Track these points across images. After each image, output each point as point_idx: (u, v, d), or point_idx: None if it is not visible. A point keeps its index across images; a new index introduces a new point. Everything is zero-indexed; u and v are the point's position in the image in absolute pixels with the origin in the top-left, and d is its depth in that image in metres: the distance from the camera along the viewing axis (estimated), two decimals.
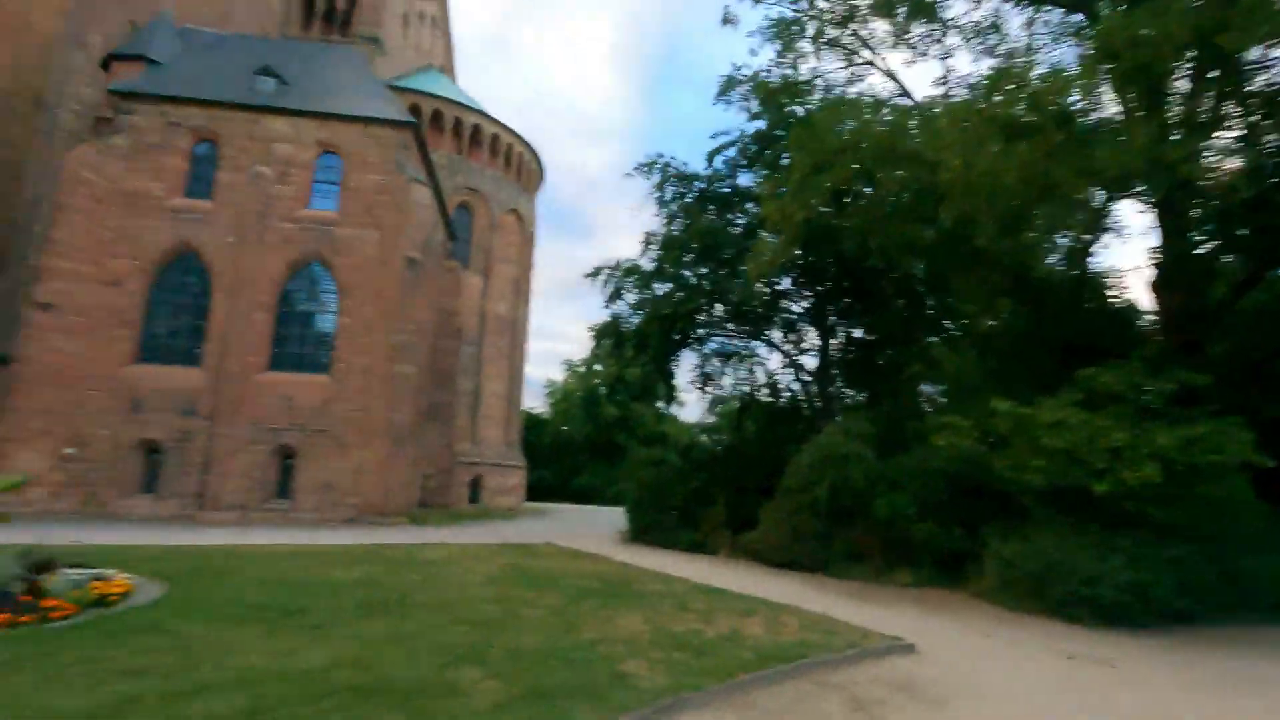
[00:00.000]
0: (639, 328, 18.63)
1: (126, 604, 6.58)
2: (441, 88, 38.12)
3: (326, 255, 23.47)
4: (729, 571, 12.96)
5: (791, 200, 12.12)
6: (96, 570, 7.11)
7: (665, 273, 18.37)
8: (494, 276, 37.36)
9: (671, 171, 18.66)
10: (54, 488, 20.55)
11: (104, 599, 6.46)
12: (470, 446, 35.01)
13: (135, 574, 8.18)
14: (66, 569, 7.15)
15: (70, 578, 6.65)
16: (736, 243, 18.51)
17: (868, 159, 11.95)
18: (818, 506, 12.74)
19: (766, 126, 17.60)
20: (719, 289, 17.56)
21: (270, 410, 22.25)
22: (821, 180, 11.91)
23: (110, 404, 21.33)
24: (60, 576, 6.46)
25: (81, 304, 21.40)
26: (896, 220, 12.79)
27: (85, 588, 6.38)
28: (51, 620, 5.64)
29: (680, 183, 18.99)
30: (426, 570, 10.03)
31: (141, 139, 22.95)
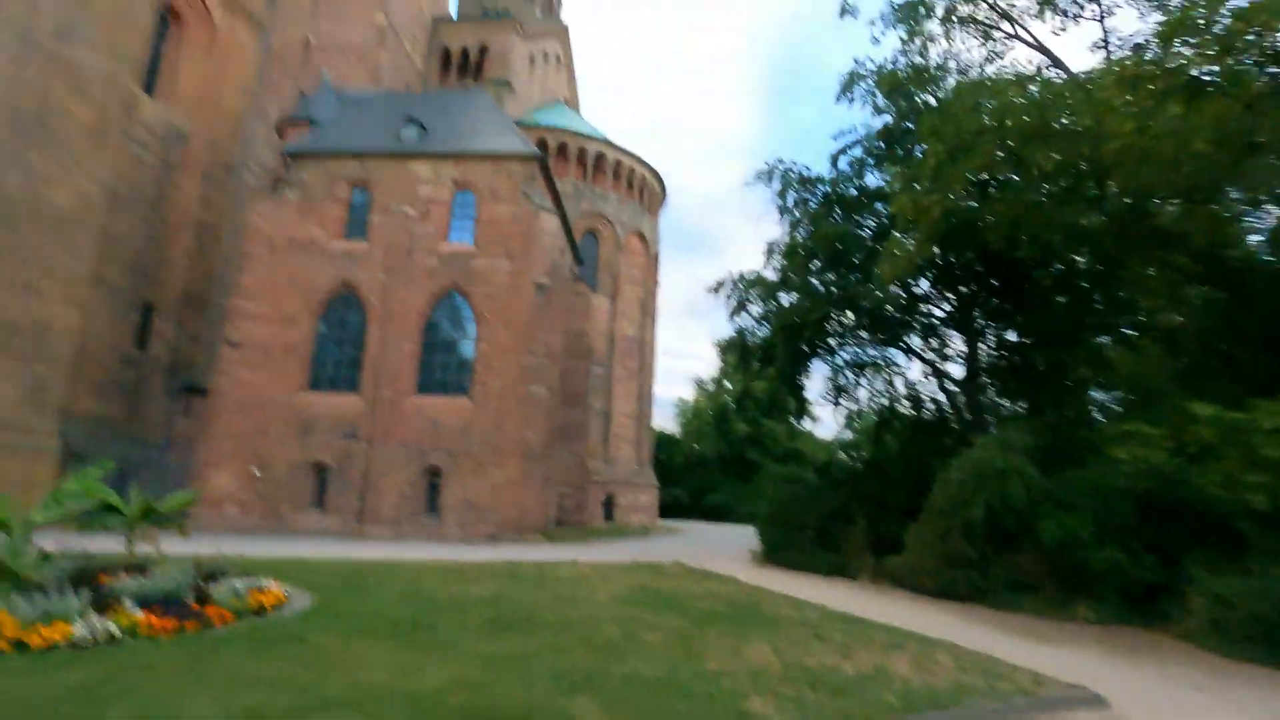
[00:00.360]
0: (764, 340, 17.93)
1: (278, 614, 7.06)
2: (566, 120, 39.79)
3: (464, 285, 24.92)
4: (871, 598, 11.93)
5: (926, 192, 11.05)
6: (257, 580, 7.73)
7: (790, 282, 17.61)
8: (621, 298, 38.05)
9: (793, 176, 17.93)
10: (242, 504, 23.17)
11: (260, 608, 6.99)
12: (603, 465, 35.62)
13: (293, 585, 8.83)
14: (234, 579, 7.83)
15: (234, 587, 7.26)
16: (866, 246, 17.41)
17: (1013, 140, 10.65)
18: (972, 528, 11.41)
19: (893, 121, 16.44)
20: (848, 295, 16.52)
21: (418, 432, 23.82)
22: (959, 169, 10.77)
23: (286, 429, 23.79)
24: (225, 586, 7.07)
25: (262, 340, 24.14)
26: (1052, 205, 11.28)
27: (245, 597, 6.92)
28: (213, 627, 6.14)
29: (802, 187, 18.19)
30: (555, 588, 10.04)
31: (308, 191, 25.69)
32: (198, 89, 30.09)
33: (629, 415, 38.19)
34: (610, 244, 38.08)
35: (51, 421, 23.21)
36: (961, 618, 10.52)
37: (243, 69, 32.05)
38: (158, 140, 27.91)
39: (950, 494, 11.83)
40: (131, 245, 26.63)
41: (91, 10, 24.40)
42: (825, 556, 15.08)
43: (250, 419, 23.57)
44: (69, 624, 5.37)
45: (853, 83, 17.39)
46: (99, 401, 25.37)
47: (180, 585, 6.79)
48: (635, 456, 38.39)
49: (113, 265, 25.71)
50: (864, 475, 16.61)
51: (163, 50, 29.15)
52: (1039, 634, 9.74)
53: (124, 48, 25.79)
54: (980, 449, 11.75)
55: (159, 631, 5.73)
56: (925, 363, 19.80)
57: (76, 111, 23.80)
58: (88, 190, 24.32)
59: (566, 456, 31.95)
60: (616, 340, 37.61)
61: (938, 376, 19.17)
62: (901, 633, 8.52)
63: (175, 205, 28.72)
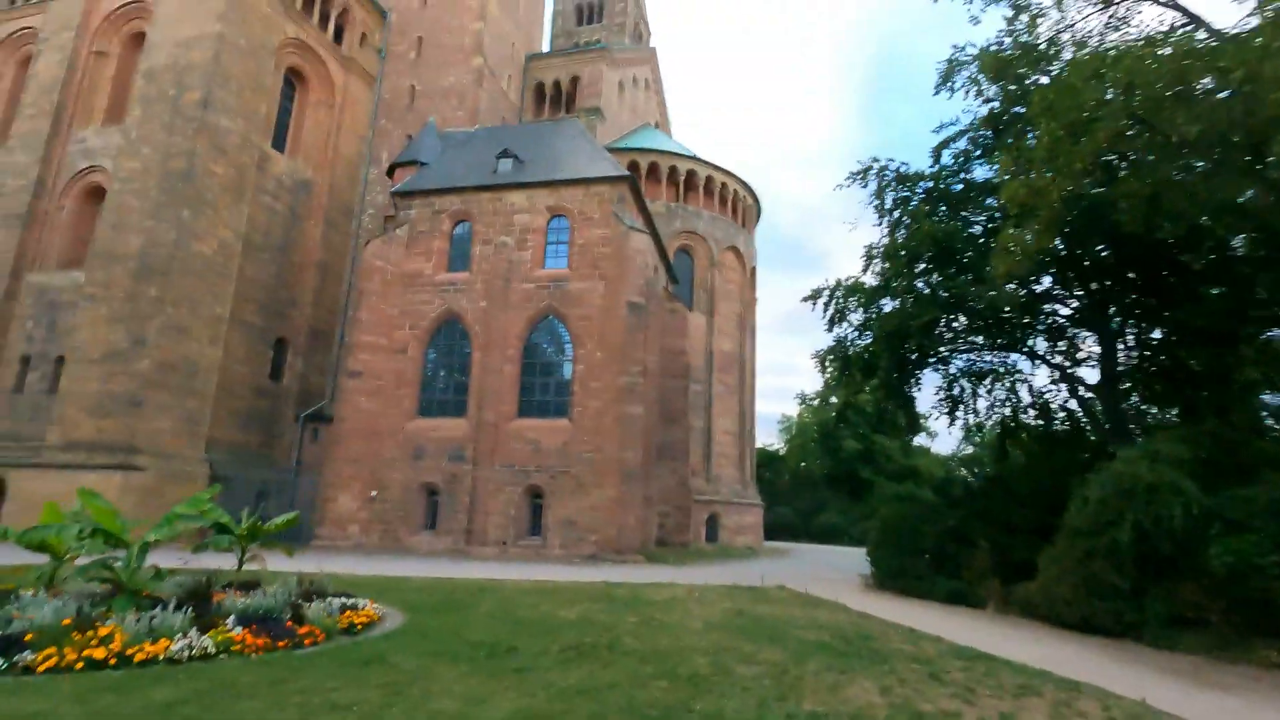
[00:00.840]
0: (866, 350, 16.81)
1: (368, 633, 7.18)
2: (655, 141, 40.10)
3: (560, 308, 25.37)
4: (998, 630, 10.67)
5: (1042, 175, 9.84)
6: (354, 599, 7.93)
7: (891, 286, 16.47)
8: (717, 314, 37.54)
9: (890, 174, 16.81)
10: (362, 524, 24.48)
11: (351, 627, 7.12)
12: (705, 484, 34.97)
13: (388, 604, 9.02)
14: (332, 598, 8.08)
15: (330, 606, 7.46)
16: (977, 244, 16.02)
17: (1144, 109, 9.30)
18: (1118, 552, 9.95)
19: (1000, 106, 15.07)
20: (958, 297, 15.19)
21: (520, 454, 24.33)
22: (1081, 148, 9.50)
23: (400, 453, 24.99)
24: (319, 604, 7.26)
25: (377, 369, 25.59)
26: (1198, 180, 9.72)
27: (337, 616, 7.08)
28: (304, 646, 6.29)
29: (902, 185, 17.03)
30: (646, 612, 9.68)
31: (415, 228, 27.17)
32: (319, 141, 32.84)
33: (730, 433, 37.39)
34: (704, 261, 37.75)
35: (200, 450, 25.68)
36: (1109, 656, 9.15)
37: (358, 120, 34.72)
38: (286, 191, 30.61)
39: (1090, 513, 10.40)
40: (264, 287, 29.21)
41: (229, 80, 27.23)
42: (944, 582, 13.74)
43: (368, 444, 24.96)
44: (170, 640, 5.66)
45: (952, 71, 16.18)
46: (239, 430, 27.83)
47: (279, 604, 7.05)
48: (739, 475, 37.45)
49: (248, 305, 28.26)
50: (986, 493, 15.06)
51: (290, 109, 32.05)
52: (1206, 678, 8.26)
53: (256, 111, 28.58)
54: (1124, 462, 10.25)
55: (251, 649, 5.94)
56: (1053, 368, 17.92)
57: (217, 170, 26.52)
58: (227, 239, 26.95)
59: (667, 475, 31.63)
60: (714, 357, 37.05)
61: (1068, 382, 17.25)
62: (1036, 673, 7.46)
63: (301, 248, 31.33)
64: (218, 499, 25.97)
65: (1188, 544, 9.79)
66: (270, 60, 29.33)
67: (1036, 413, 19.40)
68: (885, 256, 16.24)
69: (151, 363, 23.69)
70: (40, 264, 27.21)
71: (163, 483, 23.76)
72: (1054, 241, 10.87)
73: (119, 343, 24.07)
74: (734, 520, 35.74)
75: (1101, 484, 10.40)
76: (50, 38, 29.32)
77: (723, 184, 38.89)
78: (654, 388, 30.60)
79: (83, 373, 24.18)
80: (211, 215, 26.11)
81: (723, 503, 35.44)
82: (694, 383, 35.55)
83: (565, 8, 59.76)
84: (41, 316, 26.23)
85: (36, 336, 26.08)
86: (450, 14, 36.64)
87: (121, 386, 23.59)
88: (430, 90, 35.63)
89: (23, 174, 27.72)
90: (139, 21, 29.10)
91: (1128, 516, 9.79)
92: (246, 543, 8.29)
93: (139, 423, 23.28)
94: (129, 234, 25.22)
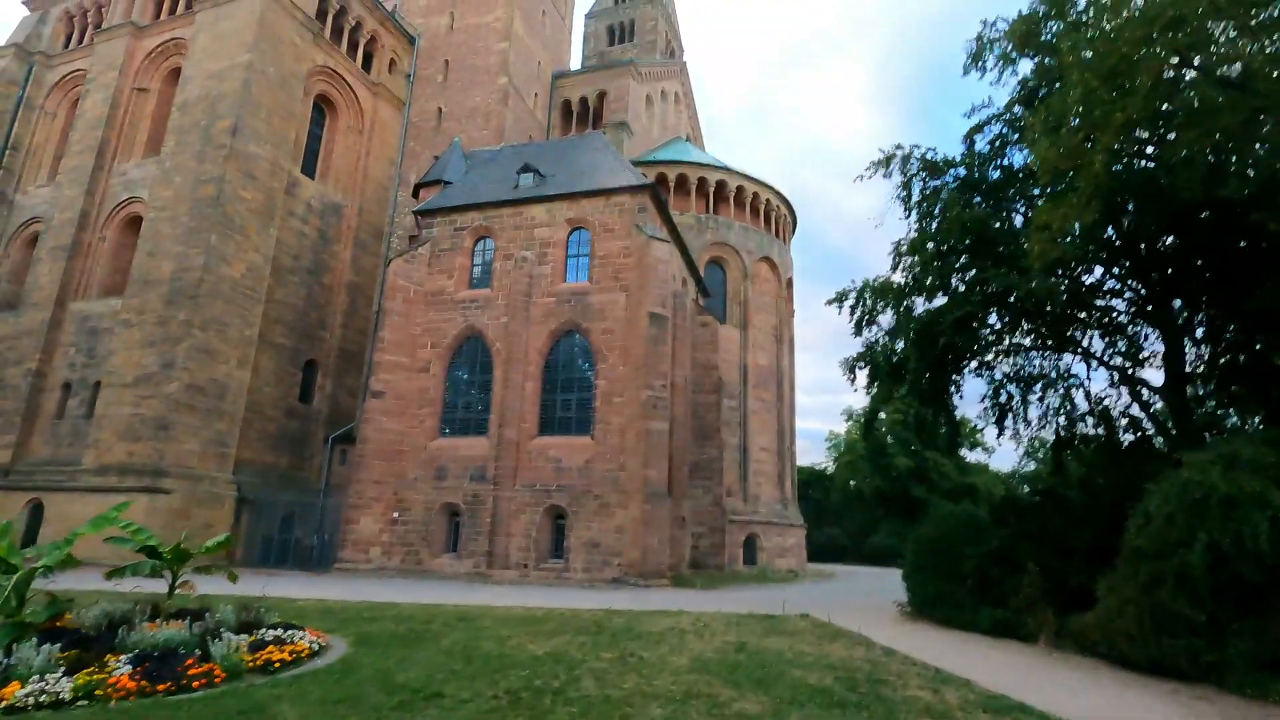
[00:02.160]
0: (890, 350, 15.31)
1: (287, 672, 6.33)
2: (684, 154, 39.37)
3: (582, 323, 24.63)
4: (1047, 673, 9.12)
5: (1074, 134, 8.40)
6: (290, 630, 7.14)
7: (921, 282, 15.02)
8: (751, 327, 36.25)
9: (915, 161, 15.42)
10: (384, 547, 24.00)
11: (268, 665, 6.30)
12: (742, 504, 33.50)
13: (343, 635, 8.21)
14: (268, 628, 7.31)
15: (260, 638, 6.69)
16: (1017, 234, 14.48)
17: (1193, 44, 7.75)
18: (1190, 579, 8.35)
19: (1035, 78, 13.58)
20: (997, 292, 13.65)
21: (542, 473, 23.53)
22: (1127, 100, 7.99)
23: (422, 473, 24.51)
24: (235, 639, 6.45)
25: (400, 389, 25.28)
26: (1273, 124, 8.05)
27: (244, 653, 6.26)
28: (191, 689, 5.48)
29: (931, 174, 15.64)
30: (630, 647, 8.58)
31: (437, 245, 26.97)
32: (349, 165, 33.28)
33: (769, 450, 35.83)
34: (737, 273, 36.60)
35: (228, 472, 25.77)
36: (1183, 707, 7.56)
37: (387, 143, 35.13)
38: (316, 214, 30.99)
39: (1154, 531, 8.79)
40: (294, 309, 29.46)
41: (259, 108, 27.77)
42: (987, 612, 12.11)
43: (390, 465, 24.58)
44: (22, 683, 4.94)
45: (983, 50, 14.82)
46: (268, 452, 27.92)
47: (188, 638, 6.30)
48: (778, 494, 35.78)
49: (278, 328, 28.50)
50: (1036, 509, 13.34)
51: (320, 135, 32.62)
52: None
53: (285, 137, 29.07)
54: (1193, 468, 8.59)
55: (121, 693, 5.17)
56: (1111, 370, 16.06)
57: (246, 195, 26.95)
58: (256, 263, 27.27)
59: (701, 495, 30.34)
60: (750, 371, 35.71)
61: (1129, 385, 15.39)
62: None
63: (331, 271, 31.61)
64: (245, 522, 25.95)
65: (1277, 568, 8.14)
66: (299, 88, 29.91)
67: (1096, 420, 17.47)
68: (912, 250, 14.83)
69: (180, 385, 23.95)
70: (83, 293, 28.11)
71: (189, 505, 23.88)
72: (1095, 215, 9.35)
73: (150, 366, 24.47)
74: (774, 542, 34.05)
75: (1165, 496, 8.77)
76: (96, 77, 30.65)
77: (754, 194, 37.80)
78: (684, 403, 29.48)
79: (116, 397, 24.65)
80: (240, 239, 26.50)
81: (761, 523, 33.83)
82: (728, 398, 34.28)
83: (597, 29, 60.10)
84: (82, 343, 27.00)
85: (77, 363, 26.83)
86: (476, 36, 36.96)
87: (151, 410, 23.91)
88: (457, 111, 35.86)
89: (69, 207, 28.83)
90: (177, 58, 30.14)
91: (1200, 535, 8.18)
92: (176, 566, 7.62)
93: (167, 445, 23.48)
94: (162, 260, 25.78)
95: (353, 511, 24.16)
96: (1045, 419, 18.29)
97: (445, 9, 38.14)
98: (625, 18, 59.65)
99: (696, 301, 32.55)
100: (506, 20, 36.56)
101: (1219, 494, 8.26)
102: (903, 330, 15.06)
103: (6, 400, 27.01)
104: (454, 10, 37.93)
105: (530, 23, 38.88)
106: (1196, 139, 8.62)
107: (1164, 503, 8.83)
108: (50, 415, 26.65)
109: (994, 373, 17.79)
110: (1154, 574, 8.82)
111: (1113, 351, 16.28)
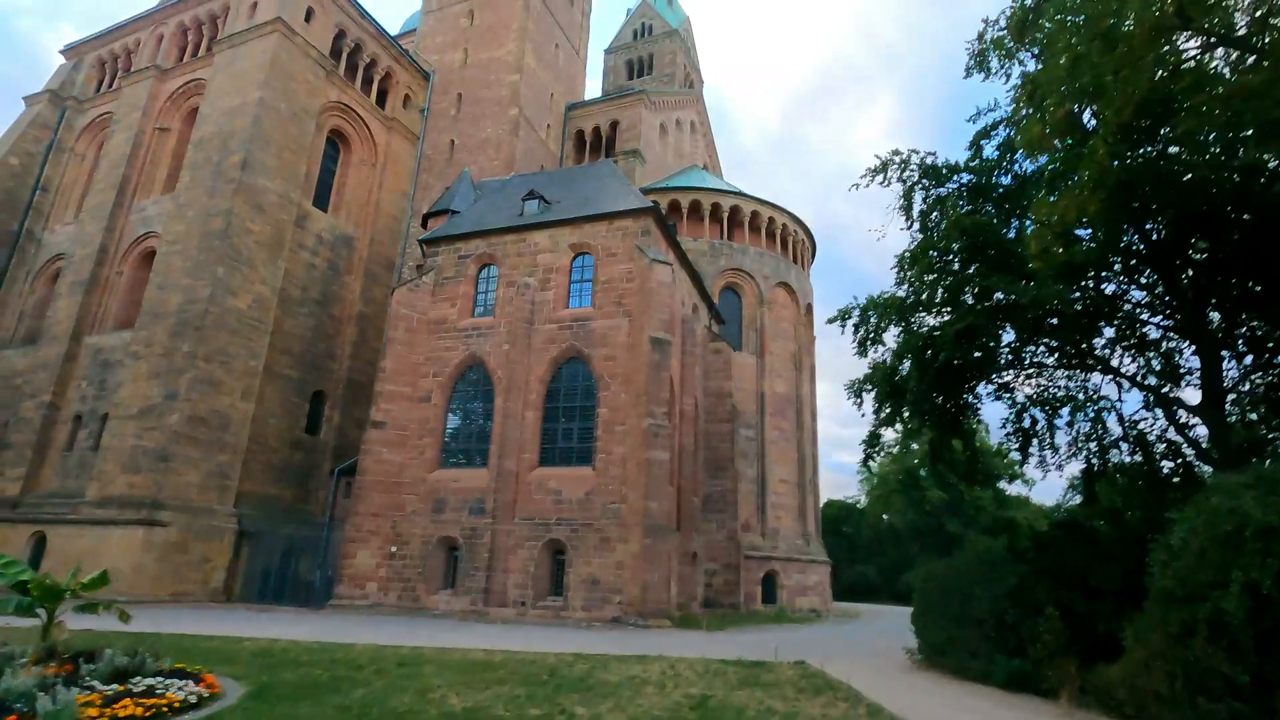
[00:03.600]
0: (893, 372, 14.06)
1: None
2: (697, 180, 38.88)
3: (584, 349, 23.92)
4: None
5: (1066, 101, 7.29)
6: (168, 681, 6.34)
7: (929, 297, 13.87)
8: (769, 354, 35.07)
9: (914, 169, 14.38)
10: (381, 583, 23.21)
11: None
12: (760, 539, 31.93)
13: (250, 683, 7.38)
14: (151, 677, 6.53)
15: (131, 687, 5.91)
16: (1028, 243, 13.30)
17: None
18: (1227, 627, 7.00)
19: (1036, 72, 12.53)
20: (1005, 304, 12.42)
21: (541, 505, 22.60)
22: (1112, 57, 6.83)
23: (421, 506, 23.79)
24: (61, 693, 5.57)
25: (401, 419, 24.76)
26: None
27: (72, 710, 5.43)
28: None
29: (934, 182, 14.61)
30: (565, 703, 7.53)
31: (441, 274, 26.70)
32: (361, 198, 33.56)
33: (789, 481, 34.28)
34: (752, 299, 35.61)
35: (230, 504, 25.44)
36: None
37: (399, 176, 35.45)
38: (326, 246, 31.16)
39: (1182, 570, 7.45)
40: (302, 340, 29.41)
41: (269, 143, 28.17)
42: (1003, 661, 10.67)
43: (389, 497, 23.94)
44: None
45: (985, 53, 13.90)
46: (272, 484, 27.58)
47: (26, 689, 5.53)
48: (799, 529, 34.09)
49: (285, 359, 28.42)
50: (1056, 543, 11.88)
51: (334, 169, 33.03)
52: None
53: (295, 171, 29.40)
54: (1221, 494, 7.27)
55: None
56: (1144, 390, 14.58)
57: (254, 228, 27.16)
58: (263, 295, 27.34)
59: (714, 530, 28.97)
60: (767, 399, 34.41)
61: (1165, 407, 13.89)
62: None
63: (341, 302, 31.62)
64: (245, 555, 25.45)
65: None
66: (311, 123, 30.37)
67: (1132, 446, 15.88)
68: (913, 261, 13.74)
69: (181, 416, 23.83)
70: (98, 326, 28.53)
71: (187, 539, 23.54)
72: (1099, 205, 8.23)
73: (154, 398, 24.46)
74: (794, 579, 32.28)
75: (1192, 527, 7.44)
76: (121, 118, 31.66)
77: (770, 219, 36.97)
78: (694, 432, 28.38)
79: (121, 429, 24.65)
80: (247, 271, 26.64)
81: (781, 560, 32.15)
82: (745, 428, 33.03)
83: (616, 64, 60.92)
84: (94, 376, 27.27)
85: (89, 395, 27.07)
86: (488, 70, 37.40)
87: (153, 441, 23.80)
88: (468, 143, 36.11)
89: (89, 243, 29.51)
90: (197, 98, 30.97)
91: (1235, 575, 6.86)
92: (50, 604, 6.91)
93: (166, 477, 23.27)
94: (171, 292, 26.01)
95: (350, 545, 23.50)
96: (1075, 446, 16.77)
97: (459, 45, 38.80)
98: (644, 52, 60.40)
99: (709, 328, 31.63)
100: (518, 54, 36.95)
101: (1256, 524, 6.93)
102: (907, 348, 13.90)
103: (20, 433, 27.33)
104: (467, 46, 38.54)
105: (542, 56, 39.25)
106: (1215, 103, 7.37)
107: (1191, 535, 7.51)
108: (61, 447, 26.84)
109: (1015, 395, 16.43)
110: (1185, 621, 7.46)
111: (1145, 370, 14.83)
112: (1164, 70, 7.33)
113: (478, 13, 39.16)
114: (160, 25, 33.79)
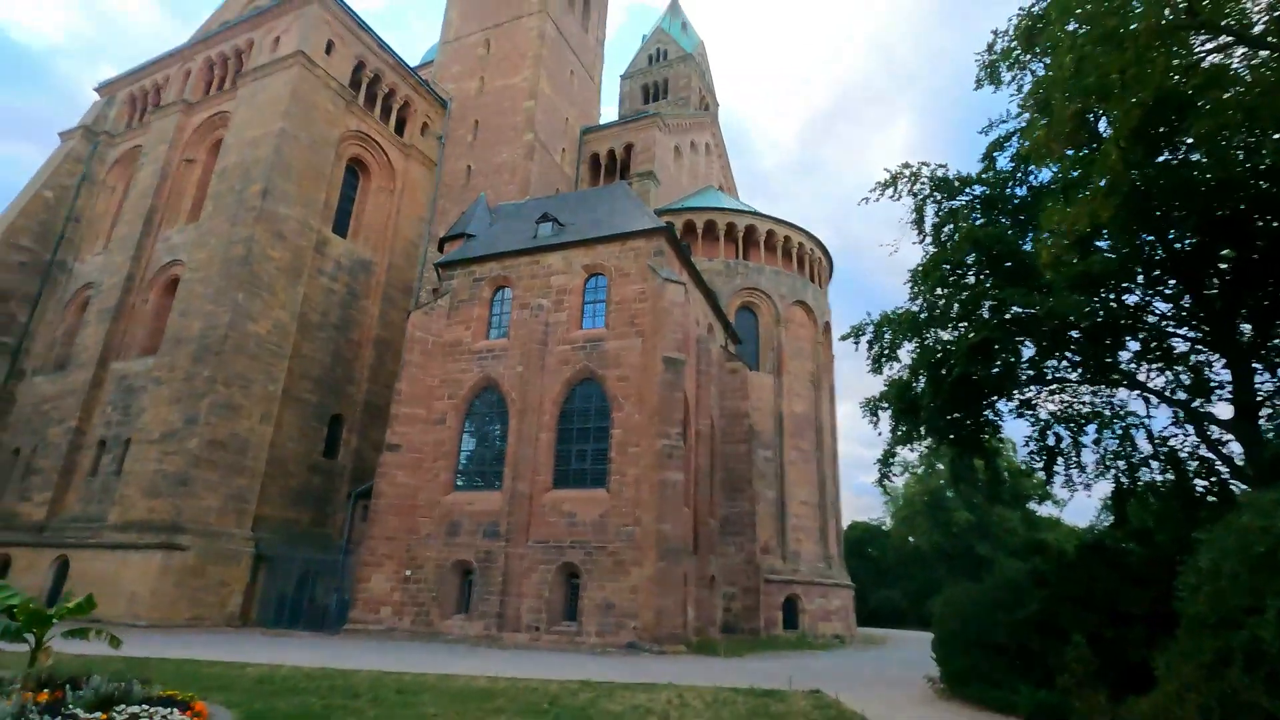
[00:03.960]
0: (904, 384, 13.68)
1: None
2: (712, 200, 38.96)
3: (597, 370, 23.81)
4: None
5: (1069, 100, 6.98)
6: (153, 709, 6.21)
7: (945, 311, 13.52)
8: (786, 373, 34.65)
9: (926, 181, 14.10)
10: (395, 607, 23.06)
11: None
12: (780, 562, 31.26)
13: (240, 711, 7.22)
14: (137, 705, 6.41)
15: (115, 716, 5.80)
16: None
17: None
18: (1265, 656, 6.53)
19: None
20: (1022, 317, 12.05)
21: (555, 528, 22.36)
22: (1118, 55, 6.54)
23: (435, 529, 23.68)
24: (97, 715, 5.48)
25: (416, 442, 24.79)
26: None
27: None
28: None
29: (945, 193, 14.34)
30: None
31: (456, 297, 26.88)
32: (380, 224, 34.08)
33: (809, 503, 33.61)
34: (769, 318, 35.32)
35: (248, 528, 25.55)
36: None
37: (417, 202, 35.97)
38: (345, 272, 31.59)
39: (1213, 594, 7.01)
40: (321, 364, 29.71)
41: (290, 171, 28.77)
42: (1028, 691, 10.14)
43: (404, 520, 23.88)
44: None
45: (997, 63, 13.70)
46: (290, 508, 27.70)
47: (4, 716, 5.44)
48: (820, 552, 33.34)
49: (304, 383, 28.70)
50: (1081, 567, 11.33)
51: (353, 196, 33.61)
52: None
53: (315, 198, 29.95)
54: (1252, 513, 6.84)
55: None
56: (1173, 405, 14.02)
57: (274, 255, 27.63)
58: (282, 320, 27.72)
59: (732, 553, 28.41)
60: (786, 420, 33.91)
61: (1195, 422, 13.33)
62: None
63: (360, 326, 31.96)
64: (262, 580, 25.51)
65: None
66: (331, 152, 31.01)
67: (1163, 464, 15.25)
68: (925, 275, 13.43)
69: (200, 441, 24.09)
70: (124, 353, 29.12)
71: (205, 562, 23.65)
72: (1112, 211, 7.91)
73: (175, 422, 24.78)
74: (816, 604, 31.48)
75: (1222, 548, 7.01)
76: (149, 151, 32.64)
77: (786, 238, 36.79)
78: (710, 453, 28.00)
79: (143, 453, 24.99)
80: (268, 297, 27.06)
81: (803, 583, 31.40)
82: (763, 449, 32.55)
83: (632, 89, 61.77)
84: (119, 401, 27.76)
85: (113, 420, 27.53)
86: (504, 97, 38.01)
87: (173, 465, 24.07)
88: (484, 168, 36.59)
89: (116, 272, 30.27)
90: (221, 130, 31.82)
91: (1271, 600, 6.41)
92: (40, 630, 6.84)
93: (185, 501, 23.47)
94: (192, 319, 26.48)
95: (365, 569, 23.43)
96: (1103, 464, 16.17)
97: (475, 74, 39.54)
98: (659, 77, 61.20)
99: (725, 347, 31.37)
100: (533, 81, 37.52)
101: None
102: (920, 363, 13.54)
103: (47, 458, 27.86)
104: (483, 75, 39.26)
105: (557, 82, 39.81)
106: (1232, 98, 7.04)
107: (1222, 556, 7.06)
108: (85, 472, 27.28)
109: (1038, 412, 15.93)
110: (1219, 650, 6.99)
111: (1174, 385, 14.27)
112: (1175, 71, 7.05)
113: (494, 42, 39.94)
114: (188, 61, 34.94)
